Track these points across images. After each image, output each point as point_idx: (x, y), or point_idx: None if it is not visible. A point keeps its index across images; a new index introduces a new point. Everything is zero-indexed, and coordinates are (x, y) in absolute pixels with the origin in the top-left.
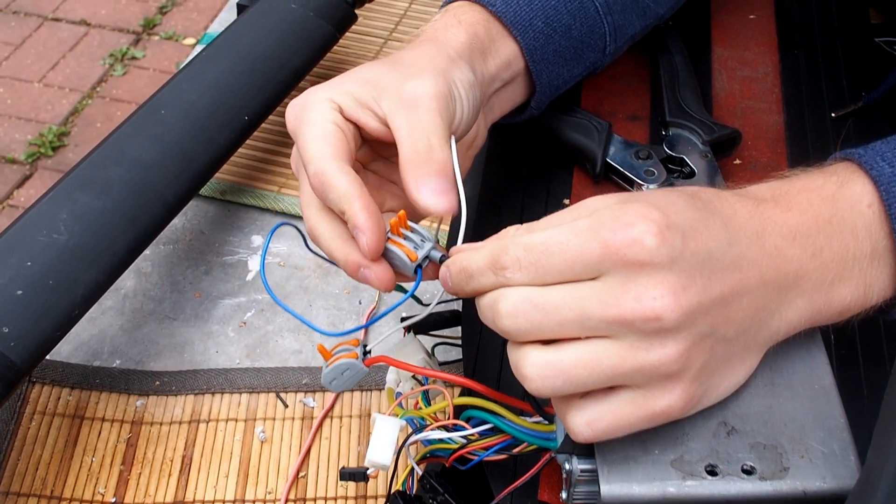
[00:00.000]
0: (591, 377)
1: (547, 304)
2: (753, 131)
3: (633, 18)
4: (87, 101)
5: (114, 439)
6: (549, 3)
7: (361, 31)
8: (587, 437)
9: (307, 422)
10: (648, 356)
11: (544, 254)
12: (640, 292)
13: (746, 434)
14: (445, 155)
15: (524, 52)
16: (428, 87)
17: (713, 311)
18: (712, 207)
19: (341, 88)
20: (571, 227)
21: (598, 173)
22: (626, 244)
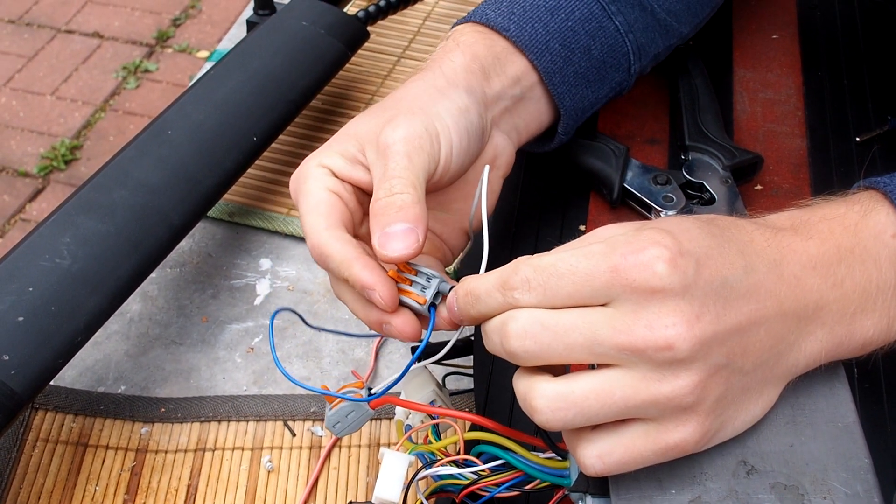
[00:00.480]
0: (603, 409)
1: (557, 326)
2: (775, 156)
3: (656, 37)
4: (100, 114)
5: (118, 467)
6: (565, 24)
7: (374, 49)
8: (598, 470)
9: (315, 451)
10: (661, 388)
11: (554, 275)
12: (651, 320)
13: (767, 474)
14: (405, 199)
15: (542, 76)
16: (399, 132)
17: (728, 341)
18: (728, 235)
19: (331, 150)
20: (583, 250)
21: (616, 199)
22: (636, 269)
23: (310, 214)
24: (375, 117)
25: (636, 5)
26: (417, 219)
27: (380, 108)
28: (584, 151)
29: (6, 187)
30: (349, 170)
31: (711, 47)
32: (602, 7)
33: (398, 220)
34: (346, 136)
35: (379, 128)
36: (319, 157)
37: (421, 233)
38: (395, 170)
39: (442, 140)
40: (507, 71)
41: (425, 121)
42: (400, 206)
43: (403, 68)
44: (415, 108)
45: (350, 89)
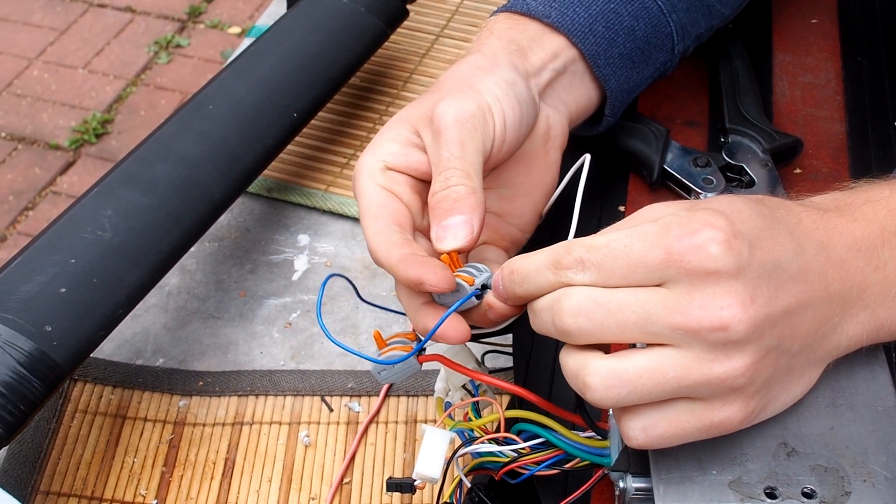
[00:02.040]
0: (656, 388)
1: (611, 304)
2: (815, 140)
3: (699, 17)
4: (132, 88)
5: (156, 440)
6: (608, 6)
7: (412, 28)
8: (640, 442)
9: (352, 427)
10: (714, 369)
11: (608, 256)
12: (706, 300)
13: (807, 456)
14: (460, 191)
15: (587, 58)
16: (451, 112)
17: (780, 323)
18: (778, 216)
19: (384, 138)
20: (637, 230)
21: (655, 180)
22: (691, 251)
23: (363, 216)
24: (425, 101)
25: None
26: (473, 209)
27: (428, 93)
28: (625, 133)
29: (37, 160)
30: (405, 156)
31: (751, 30)
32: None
33: (454, 213)
34: (398, 121)
35: (430, 108)
36: (374, 148)
37: (476, 223)
38: (449, 160)
39: (495, 113)
40: (545, 47)
41: (476, 98)
42: (455, 198)
43: (441, 47)
44: (463, 87)
45: (388, 67)
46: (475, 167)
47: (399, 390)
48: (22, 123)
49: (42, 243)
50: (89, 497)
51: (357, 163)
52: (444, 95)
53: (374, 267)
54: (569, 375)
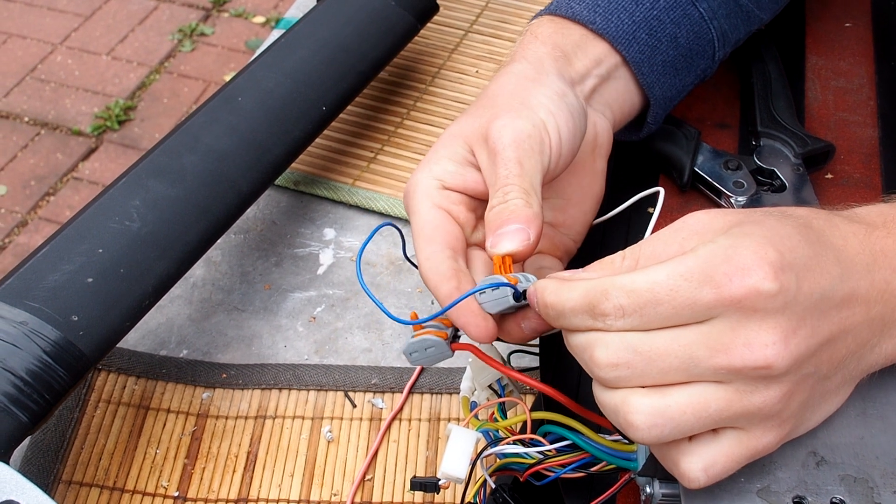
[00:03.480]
0: (698, 423)
1: (651, 352)
2: (846, 145)
3: (738, 23)
4: (155, 76)
5: (178, 431)
6: (651, 13)
7: (442, 23)
8: (703, 482)
9: (375, 423)
10: (753, 400)
11: (651, 302)
12: (750, 338)
13: (836, 465)
14: (518, 204)
15: (631, 66)
16: (507, 134)
17: (819, 352)
18: (825, 240)
19: (439, 155)
20: (680, 269)
21: (686, 183)
22: (744, 293)
23: (417, 237)
24: (477, 116)
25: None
26: (530, 220)
27: (479, 107)
28: (656, 134)
29: (60, 145)
30: (461, 175)
31: (784, 33)
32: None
33: (510, 222)
34: (452, 137)
35: (484, 126)
36: (429, 166)
37: (534, 232)
38: (507, 177)
39: (550, 130)
40: (589, 53)
41: (531, 116)
42: (512, 209)
43: (470, 42)
44: (515, 104)
45: (417, 62)
46: (534, 185)
47: (423, 388)
48: (45, 109)
49: (70, 232)
50: (111, 487)
51: (411, 179)
52: (497, 113)
53: (399, 262)
54: (608, 411)
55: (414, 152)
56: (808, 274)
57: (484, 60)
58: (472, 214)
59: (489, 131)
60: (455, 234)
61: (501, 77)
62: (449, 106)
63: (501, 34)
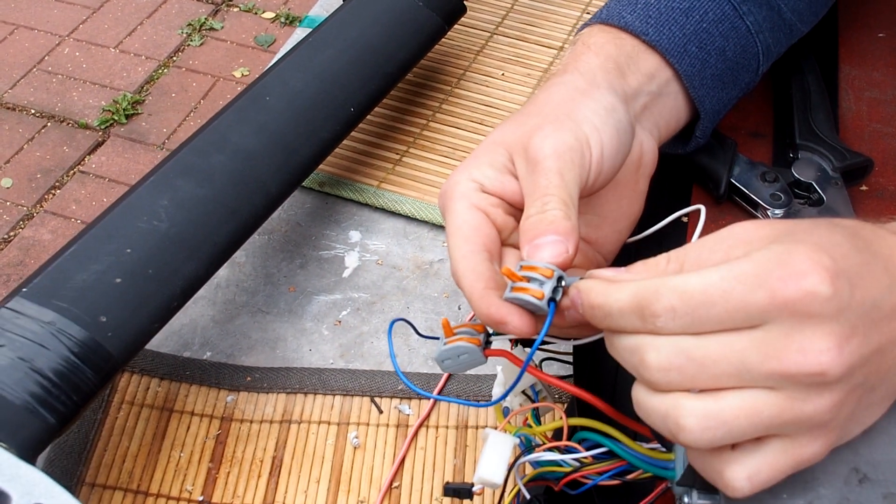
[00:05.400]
0: (750, 428)
1: (704, 358)
2: (881, 157)
3: (782, 37)
4: (163, 70)
5: (203, 435)
6: (700, 25)
7: (468, 24)
8: (747, 492)
9: (402, 430)
10: (805, 407)
11: (704, 303)
12: (805, 344)
13: (879, 483)
14: (556, 215)
15: (683, 79)
16: (548, 144)
17: (870, 362)
18: (874, 249)
19: (480, 161)
20: (734, 272)
21: (722, 194)
22: (800, 297)
23: (453, 236)
24: (521, 125)
25: (764, 4)
26: (568, 232)
27: (524, 115)
28: None
29: (67, 139)
30: (500, 181)
31: (818, 44)
32: (734, 7)
33: (548, 233)
34: (494, 144)
35: (526, 136)
36: (469, 169)
37: (571, 245)
38: (546, 187)
39: (593, 145)
40: (641, 68)
41: (574, 129)
42: (551, 220)
43: (496, 45)
44: (561, 115)
45: (443, 63)
46: (572, 198)
47: (450, 393)
48: (52, 101)
49: (98, 231)
50: (135, 491)
51: (449, 180)
52: (540, 124)
53: (425, 267)
54: (655, 416)
55: (440, 154)
56: (860, 281)
57: (510, 63)
58: (510, 218)
59: (531, 141)
60: (492, 236)
61: (551, 87)
62: (474, 108)
63: (528, 37)
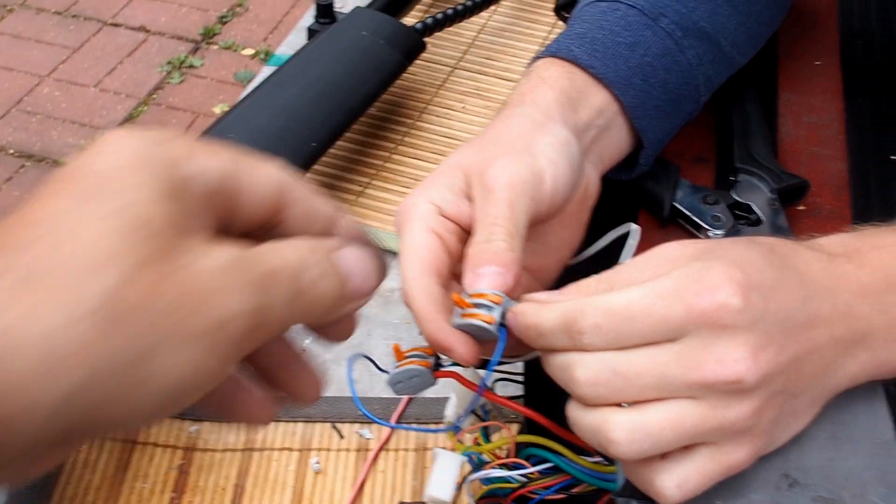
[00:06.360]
0: (676, 438)
1: (629, 372)
2: (818, 178)
3: (721, 69)
4: (143, 107)
5: (166, 465)
6: (644, 59)
7: (429, 59)
8: (677, 499)
9: (362, 454)
10: (727, 414)
11: (627, 319)
12: (722, 354)
13: (808, 487)
14: (501, 246)
15: (627, 110)
16: (504, 175)
17: (787, 370)
18: (788, 263)
19: (438, 183)
20: (655, 289)
21: (666, 218)
22: (713, 309)
23: (407, 257)
24: (480, 152)
25: (705, 39)
26: (510, 264)
27: (483, 142)
28: None
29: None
30: (457, 205)
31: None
32: (675, 42)
33: (491, 263)
34: (452, 168)
35: (484, 164)
36: (427, 191)
37: (511, 277)
38: (496, 217)
39: (547, 178)
40: (592, 102)
41: (531, 162)
42: (494, 251)
43: (457, 79)
44: (519, 147)
45: (405, 98)
46: (519, 229)
47: (410, 418)
48: (31, 141)
49: None
50: None
51: (406, 200)
52: (499, 153)
53: (387, 294)
54: (585, 430)
55: (402, 185)
56: (773, 294)
57: (470, 96)
58: (461, 244)
59: (488, 169)
60: (445, 262)
61: (510, 118)
62: (436, 140)
63: (488, 70)
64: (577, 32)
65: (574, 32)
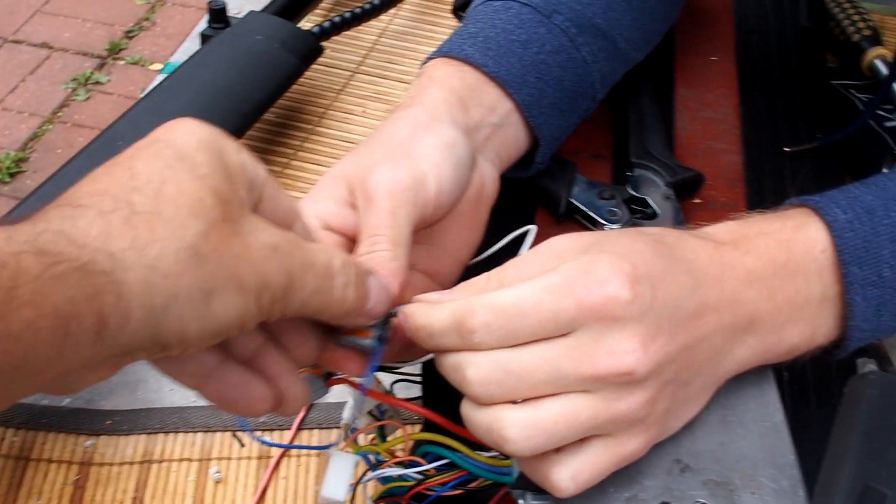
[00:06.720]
0: (570, 432)
1: (520, 370)
2: (713, 171)
3: (617, 66)
4: (48, 126)
5: (61, 481)
6: (538, 56)
7: (329, 64)
8: (572, 491)
9: (264, 461)
10: (620, 406)
11: (517, 315)
12: (613, 346)
13: (699, 471)
14: (384, 255)
15: (522, 109)
16: (384, 183)
17: (678, 358)
18: (677, 254)
19: (321, 195)
20: (544, 284)
21: (562, 214)
22: (602, 301)
23: None
24: (362, 159)
25: (600, 36)
26: (394, 273)
27: (366, 149)
28: None
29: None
30: (341, 215)
31: (655, 68)
32: (570, 39)
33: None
34: (335, 178)
35: (365, 171)
36: (311, 204)
37: (395, 285)
38: (377, 227)
39: (430, 182)
40: (483, 100)
41: (411, 167)
42: (378, 261)
43: (358, 83)
44: (399, 152)
45: (304, 103)
46: (403, 237)
47: (312, 423)
48: None
49: None
50: None
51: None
52: (380, 160)
53: None
54: (480, 429)
55: (302, 192)
56: (661, 284)
57: (371, 100)
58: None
59: (368, 177)
60: None
61: (395, 121)
62: (336, 146)
63: (388, 74)
64: (469, 32)
65: (467, 32)
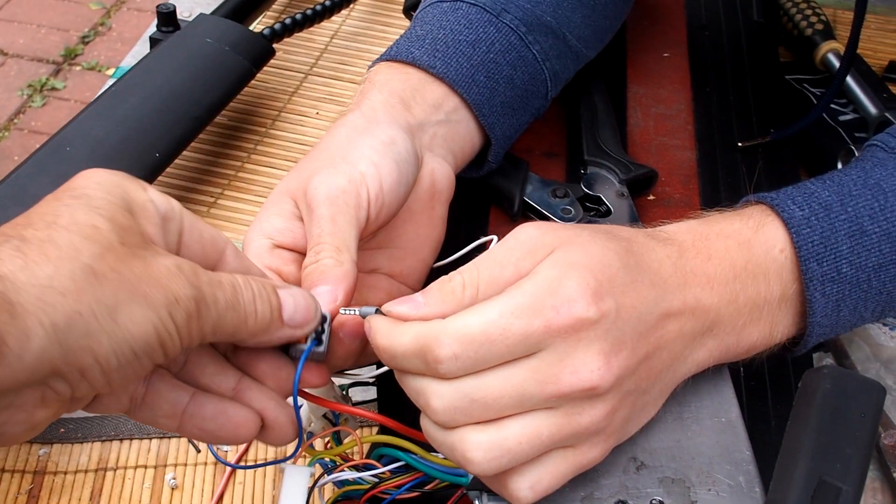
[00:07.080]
0: (533, 450)
1: (486, 398)
2: (667, 167)
3: (569, 63)
4: (4, 133)
5: (14, 491)
6: (488, 56)
7: (282, 66)
8: (530, 500)
9: (220, 467)
10: (581, 420)
11: (485, 343)
12: (577, 365)
13: (655, 469)
14: (328, 263)
15: (472, 108)
16: (322, 191)
17: (639, 369)
18: (643, 265)
19: (269, 213)
20: (510, 306)
21: (516, 213)
22: (570, 322)
23: None
24: (303, 170)
25: (550, 34)
26: (339, 279)
27: (308, 160)
28: None
29: None
30: (290, 230)
31: (607, 65)
32: (520, 37)
33: (320, 283)
34: (280, 194)
35: (304, 182)
36: (260, 224)
37: (341, 293)
38: (319, 236)
39: (370, 182)
40: (427, 99)
41: (348, 171)
42: (322, 270)
43: (311, 85)
44: (336, 158)
45: (257, 105)
46: (346, 241)
47: None
48: None
49: None
50: None
51: (244, 238)
52: (318, 168)
53: None
54: (442, 447)
55: (256, 195)
56: (625, 298)
57: (324, 102)
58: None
59: (307, 187)
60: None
61: (335, 128)
62: (290, 148)
63: (342, 76)
64: (416, 34)
65: (414, 34)
